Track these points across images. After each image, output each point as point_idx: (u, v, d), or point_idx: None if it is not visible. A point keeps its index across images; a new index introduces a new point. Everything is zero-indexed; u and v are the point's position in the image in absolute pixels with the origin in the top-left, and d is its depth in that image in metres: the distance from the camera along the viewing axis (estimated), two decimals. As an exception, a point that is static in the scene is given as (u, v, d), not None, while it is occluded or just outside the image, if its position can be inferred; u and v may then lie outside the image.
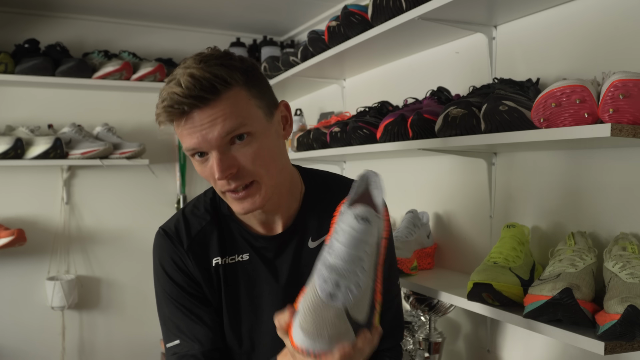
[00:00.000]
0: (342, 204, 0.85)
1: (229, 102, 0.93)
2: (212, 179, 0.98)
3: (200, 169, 0.99)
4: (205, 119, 0.92)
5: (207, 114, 0.92)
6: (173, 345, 1.06)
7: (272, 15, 2.73)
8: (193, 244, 1.08)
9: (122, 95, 2.87)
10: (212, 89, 0.91)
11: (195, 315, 1.06)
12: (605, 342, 0.96)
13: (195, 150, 0.96)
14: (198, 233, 1.09)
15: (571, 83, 1.01)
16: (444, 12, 1.44)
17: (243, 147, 0.95)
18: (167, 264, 1.08)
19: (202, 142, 0.93)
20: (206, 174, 0.98)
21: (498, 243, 1.32)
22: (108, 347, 2.84)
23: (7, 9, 2.65)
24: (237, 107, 0.94)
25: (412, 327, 1.74)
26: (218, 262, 1.08)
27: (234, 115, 0.93)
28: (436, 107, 1.54)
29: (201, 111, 0.92)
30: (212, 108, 0.92)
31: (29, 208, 2.69)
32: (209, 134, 0.92)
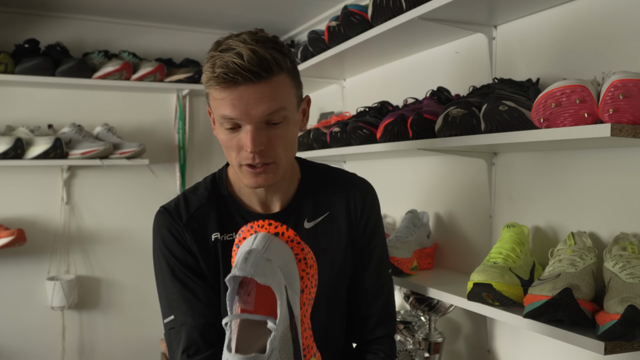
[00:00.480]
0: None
1: (278, 85, 0.99)
2: (236, 150, 1.03)
3: (225, 138, 1.03)
4: (253, 95, 0.97)
5: (257, 90, 0.97)
6: (169, 321, 1.09)
7: (272, 15, 2.73)
8: (191, 220, 1.12)
9: (122, 95, 2.87)
10: (268, 69, 0.97)
11: (190, 290, 1.09)
12: (605, 342, 0.96)
13: (231, 121, 1.00)
14: (197, 210, 1.13)
15: (571, 83, 1.01)
16: (444, 12, 1.44)
17: (276, 129, 1.02)
18: (166, 238, 1.11)
19: (242, 115, 0.98)
20: (230, 144, 1.03)
21: (498, 243, 1.32)
22: (108, 347, 2.84)
23: (7, 9, 2.65)
24: (283, 91, 1.01)
25: (412, 327, 1.74)
26: (217, 238, 1.11)
27: (279, 99, 1.00)
28: (436, 107, 1.54)
29: (252, 86, 0.97)
30: (262, 86, 0.97)
31: (29, 208, 2.69)
32: (252, 110, 0.98)
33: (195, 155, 3.03)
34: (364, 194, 1.21)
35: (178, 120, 2.94)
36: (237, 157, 1.04)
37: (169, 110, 2.98)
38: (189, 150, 2.99)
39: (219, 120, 1.02)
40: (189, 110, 2.99)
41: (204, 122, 3.06)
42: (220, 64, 0.96)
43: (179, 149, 2.95)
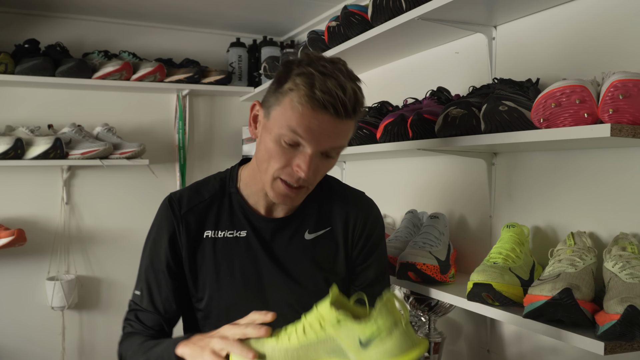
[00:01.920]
0: None
1: (350, 127, 1.05)
2: (281, 164, 1.04)
3: (275, 149, 1.04)
4: (332, 128, 1.01)
5: (336, 126, 1.01)
6: (135, 294, 1.20)
7: (272, 16, 2.73)
8: (189, 213, 1.16)
9: (122, 95, 2.87)
10: (353, 111, 1.02)
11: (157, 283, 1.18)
12: (605, 342, 0.96)
13: (297, 139, 1.01)
14: (198, 204, 1.17)
15: (571, 83, 1.01)
16: (444, 12, 1.44)
17: (327, 161, 1.07)
18: (161, 228, 1.17)
19: (312, 140, 1.01)
20: (279, 157, 1.04)
21: (498, 243, 1.32)
22: (108, 347, 2.83)
23: (7, 9, 2.65)
24: (350, 133, 1.06)
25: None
26: (209, 235, 1.15)
27: (346, 139, 1.06)
28: (436, 107, 1.54)
29: (335, 120, 1.00)
30: (342, 124, 1.02)
31: (29, 208, 2.69)
32: (324, 141, 1.01)
33: (195, 155, 3.03)
34: (366, 216, 1.22)
35: (178, 121, 2.94)
36: (279, 170, 1.05)
37: (169, 110, 2.98)
38: (189, 150, 2.99)
39: (282, 131, 1.02)
40: (189, 110, 2.99)
41: (204, 122, 3.06)
42: (322, 87, 0.98)
43: (179, 149, 2.95)
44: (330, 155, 1.06)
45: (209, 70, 2.85)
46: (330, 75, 0.99)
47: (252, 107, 1.12)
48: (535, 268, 1.31)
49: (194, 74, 2.78)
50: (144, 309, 1.18)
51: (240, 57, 2.92)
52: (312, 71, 0.99)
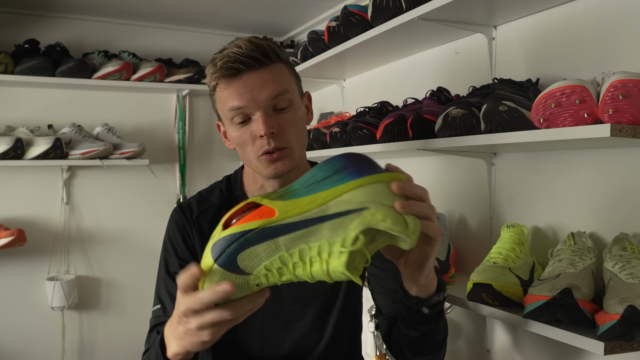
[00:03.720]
0: None
1: (277, 71, 1.05)
2: (250, 143, 1.05)
3: (237, 134, 1.06)
4: (257, 81, 1.02)
5: (259, 76, 1.02)
6: (155, 309, 1.14)
7: (272, 16, 2.73)
8: (200, 216, 1.16)
9: (122, 96, 2.87)
10: (266, 55, 1.02)
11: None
12: (605, 342, 0.96)
13: (240, 111, 1.03)
14: (208, 208, 1.17)
15: (571, 83, 1.01)
16: (443, 13, 1.44)
17: (284, 114, 1.05)
18: (173, 233, 1.16)
19: (250, 102, 1.02)
20: (244, 138, 1.05)
21: (498, 243, 1.32)
22: (108, 347, 2.84)
23: (7, 9, 2.65)
24: (283, 77, 1.05)
25: (412, 327, 1.74)
26: None
27: (281, 82, 1.04)
28: (436, 108, 1.54)
29: (254, 73, 1.02)
30: (263, 72, 1.02)
31: (29, 208, 2.69)
32: (258, 95, 1.02)
33: (195, 156, 3.03)
34: None
35: (178, 121, 2.94)
36: (253, 149, 1.06)
37: (169, 110, 2.98)
38: (188, 150, 2.99)
39: (229, 116, 1.05)
40: (189, 110, 2.99)
41: (203, 123, 3.06)
42: (220, 58, 1.02)
43: (179, 149, 2.95)
44: (281, 106, 1.04)
45: (209, 71, 2.85)
46: (226, 48, 1.04)
47: (218, 128, 1.17)
48: (535, 268, 1.31)
49: (194, 74, 2.78)
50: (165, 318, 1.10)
51: (240, 57, 2.92)
52: (214, 56, 1.05)
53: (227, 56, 1.01)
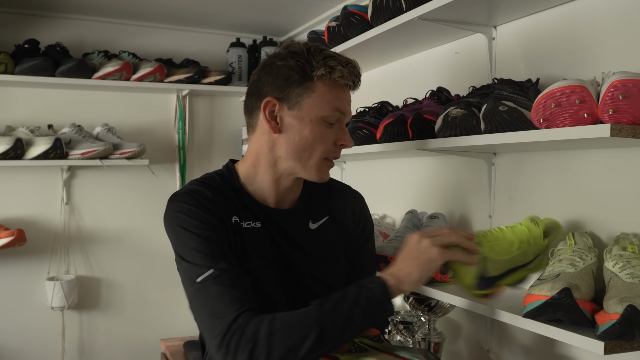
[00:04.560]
0: None
1: None
2: (327, 144, 1.16)
3: (322, 132, 1.14)
4: (350, 100, 1.19)
5: (350, 96, 1.19)
6: (207, 275, 1.01)
7: (272, 16, 2.73)
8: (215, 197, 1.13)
9: (122, 96, 2.87)
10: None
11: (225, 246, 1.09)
12: (605, 342, 0.96)
13: (341, 116, 1.16)
14: (216, 194, 1.14)
15: (571, 83, 1.01)
16: (443, 13, 1.44)
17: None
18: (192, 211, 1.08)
19: (348, 114, 1.19)
20: (326, 138, 1.15)
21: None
22: (108, 347, 2.84)
23: (7, 9, 2.65)
24: None
25: (412, 328, 1.74)
26: (237, 221, 1.15)
27: None
28: (436, 108, 1.54)
29: (350, 92, 1.19)
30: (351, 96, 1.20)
31: (29, 208, 2.69)
32: (350, 112, 1.20)
33: (195, 156, 3.03)
34: (360, 203, 1.34)
35: (178, 121, 2.94)
36: (325, 151, 1.16)
37: (169, 110, 2.98)
38: (188, 150, 2.99)
39: (328, 113, 1.13)
40: (189, 110, 2.99)
41: (203, 123, 3.06)
42: (346, 63, 1.13)
43: (179, 149, 2.95)
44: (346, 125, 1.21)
45: (209, 71, 2.85)
46: (340, 57, 1.14)
47: (265, 104, 1.12)
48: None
49: (194, 74, 2.78)
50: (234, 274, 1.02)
51: (240, 57, 2.92)
52: (332, 54, 1.13)
53: (352, 70, 1.14)
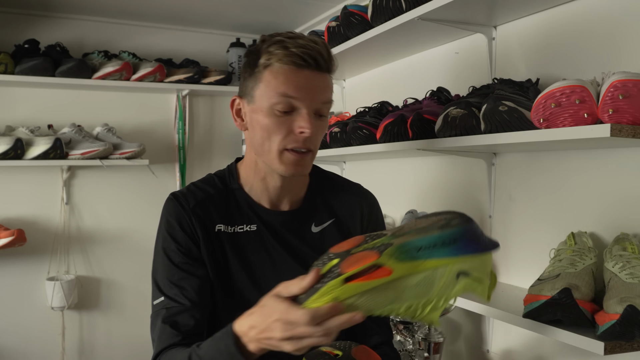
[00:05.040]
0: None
1: (330, 82, 1.09)
2: (282, 134, 1.05)
3: (273, 121, 1.05)
4: (318, 82, 1.05)
5: (321, 79, 1.06)
6: (158, 302, 1.09)
7: (272, 16, 2.73)
8: (197, 207, 1.13)
9: (122, 96, 2.87)
10: (332, 64, 1.08)
11: (184, 275, 1.10)
12: (605, 342, 0.96)
13: (290, 101, 1.03)
14: (204, 199, 1.15)
15: (571, 83, 1.01)
16: (443, 13, 1.44)
17: (321, 121, 1.09)
18: (170, 223, 1.13)
19: (305, 97, 1.03)
20: (278, 127, 1.05)
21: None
22: (108, 347, 2.84)
23: (7, 9, 2.65)
24: (332, 89, 1.11)
25: (412, 327, 1.74)
26: (221, 229, 1.13)
27: (331, 93, 1.10)
28: (436, 108, 1.54)
29: (317, 74, 1.05)
30: (324, 77, 1.06)
31: (29, 208, 2.69)
32: (316, 95, 1.05)
33: (195, 156, 3.03)
34: (370, 205, 1.25)
35: (178, 121, 2.94)
36: (283, 141, 1.06)
37: (169, 110, 2.98)
38: (188, 150, 2.99)
39: (274, 101, 1.04)
40: (189, 110, 2.99)
41: (203, 123, 3.06)
42: (295, 45, 1.02)
43: (179, 149, 2.95)
44: (322, 113, 1.08)
45: (209, 71, 2.85)
46: (297, 37, 1.05)
47: (231, 103, 1.14)
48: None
49: (194, 74, 2.78)
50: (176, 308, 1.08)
51: (240, 57, 2.92)
52: (281, 38, 1.04)
53: (303, 46, 1.02)
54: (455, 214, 0.84)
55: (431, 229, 0.82)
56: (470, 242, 0.82)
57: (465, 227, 0.83)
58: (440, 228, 0.82)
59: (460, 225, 0.83)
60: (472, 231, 0.84)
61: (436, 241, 0.82)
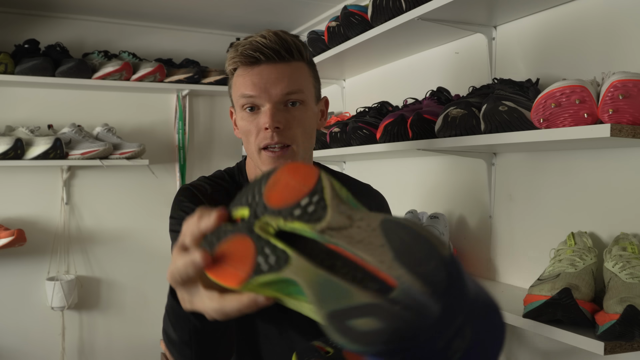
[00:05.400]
0: None
1: (296, 68, 1.04)
2: (255, 133, 1.04)
3: (244, 123, 1.05)
4: (273, 74, 1.01)
5: (277, 70, 1.02)
6: None
7: (272, 16, 2.73)
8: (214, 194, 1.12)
9: (122, 96, 2.87)
10: (289, 50, 1.02)
11: None
12: (605, 342, 0.96)
13: (250, 100, 1.02)
14: (219, 189, 1.14)
15: (571, 83, 1.01)
16: (443, 13, 1.44)
17: (294, 111, 1.04)
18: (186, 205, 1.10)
19: (261, 92, 1.01)
20: (250, 127, 1.04)
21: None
22: (108, 347, 2.84)
23: (7, 9, 2.65)
24: (301, 76, 1.05)
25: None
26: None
27: (298, 81, 1.03)
28: (436, 108, 1.54)
29: (272, 66, 1.01)
30: (282, 66, 1.02)
31: (29, 208, 2.69)
32: (271, 88, 1.01)
33: (195, 156, 3.03)
34: (379, 206, 1.23)
35: (178, 121, 2.94)
36: (256, 140, 1.05)
37: (169, 110, 2.98)
38: (188, 150, 2.99)
39: (240, 103, 1.04)
40: (189, 110, 2.99)
41: (203, 123, 3.06)
42: (243, 44, 1.02)
43: (179, 149, 2.95)
44: (292, 100, 1.03)
45: (209, 71, 2.85)
46: (252, 36, 1.03)
47: (230, 113, 1.15)
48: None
49: (194, 74, 2.78)
50: None
51: (240, 57, 2.92)
52: (237, 41, 1.04)
53: (250, 43, 1.01)
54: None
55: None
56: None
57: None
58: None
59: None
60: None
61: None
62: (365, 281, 0.46)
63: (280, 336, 1.09)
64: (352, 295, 0.44)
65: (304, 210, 0.52)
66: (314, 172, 0.54)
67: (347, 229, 0.49)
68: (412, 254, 0.44)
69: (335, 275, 0.47)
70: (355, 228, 0.49)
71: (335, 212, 0.51)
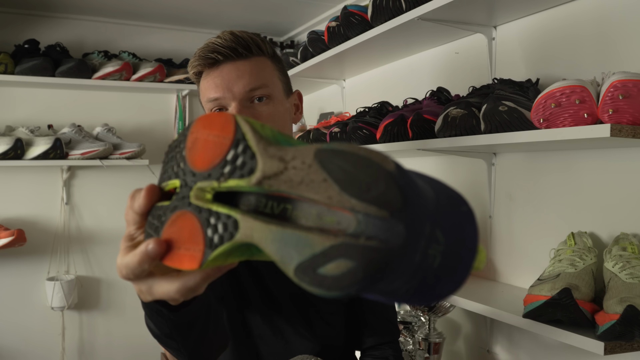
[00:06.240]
0: None
1: (258, 64, 1.02)
2: None
3: None
4: (234, 72, 1.00)
5: (237, 67, 1.00)
6: None
7: (272, 16, 2.73)
8: None
9: (122, 96, 2.87)
10: (246, 47, 1.00)
11: None
12: (605, 342, 0.96)
13: (217, 102, 1.01)
14: None
15: (571, 83, 1.01)
16: (443, 13, 1.44)
17: (261, 107, 1.01)
18: None
19: (225, 93, 0.99)
20: None
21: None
22: (108, 347, 2.84)
23: (7, 9, 2.65)
24: (264, 71, 1.02)
25: (412, 328, 1.74)
26: None
27: (260, 76, 1.01)
28: (436, 108, 1.54)
29: (232, 64, 1.00)
30: (242, 64, 1.00)
31: (29, 208, 2.69)
32: (233, 86, 0.99)
33: (195, 156, 3.03)
34: None
35: (178, 121, 2.94)
36: None
37: (168, 110, 2.98)
38: (189, 150, 2.99)
39: (208, 108, 1.03)
40: (189, 110, 2.99)
41: (204, 123, 3.06)
42: (201, 47, 1.02)
43: (179, 149, 2.95)
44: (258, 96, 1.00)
45: (209, 71, 2.85)
46: (208, 40, 1.03)
47: None
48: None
49: (194, 74, 2.77)
50: None
51: (240, 57, 2.92)
52: (196, 51, 1.04)
53: (206, 46, 1.01)
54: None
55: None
56: None
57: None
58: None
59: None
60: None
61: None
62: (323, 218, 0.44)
63: (274, 336, 1.08)
64: (313, 242, 0.42)
65: (233, 165, 0.48)
66: (229, 119, 0.50)
67: (284, 173, 0.45)
68: (357, 181, 0.41)
69: (289, 227, 0.44)
70: (291, 169, 0.45)
71: (266, 159, 0.47)
